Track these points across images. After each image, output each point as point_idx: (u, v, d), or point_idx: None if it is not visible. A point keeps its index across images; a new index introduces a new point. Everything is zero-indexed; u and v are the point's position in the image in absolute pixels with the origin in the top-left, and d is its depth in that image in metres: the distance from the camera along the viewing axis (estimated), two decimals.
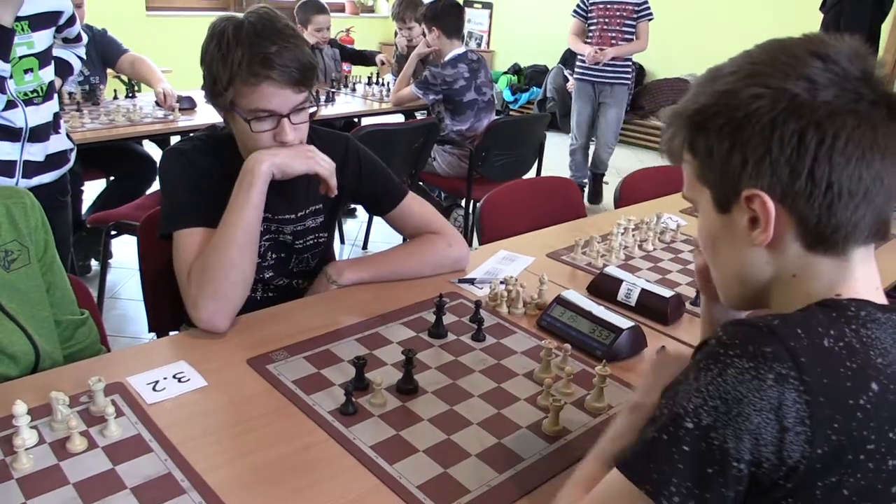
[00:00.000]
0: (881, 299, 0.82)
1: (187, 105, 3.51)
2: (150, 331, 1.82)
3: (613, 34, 4.70)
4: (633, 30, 4.71)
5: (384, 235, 4.26)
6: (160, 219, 1.51)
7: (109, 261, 3.50)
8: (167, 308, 1.78)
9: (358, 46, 5.32)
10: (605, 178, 5.22)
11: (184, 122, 3.34)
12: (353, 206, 4.02)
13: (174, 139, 3.79)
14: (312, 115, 1.50)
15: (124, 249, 3.54)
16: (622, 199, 2.56)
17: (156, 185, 3.60)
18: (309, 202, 1.63)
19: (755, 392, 0.69)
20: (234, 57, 1.36)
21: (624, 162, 6.12)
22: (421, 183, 3.98)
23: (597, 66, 4.79)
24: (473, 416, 1.18)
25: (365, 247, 4.19)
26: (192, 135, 1.58)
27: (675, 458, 0.72)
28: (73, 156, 2.28)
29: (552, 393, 1.23)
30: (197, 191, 1.47)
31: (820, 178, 0.75)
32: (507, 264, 1.81)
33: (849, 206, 0.76)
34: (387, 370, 1.30)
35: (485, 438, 1.13)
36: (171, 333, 1.79)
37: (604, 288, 1.65)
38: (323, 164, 1.47)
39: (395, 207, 1.68)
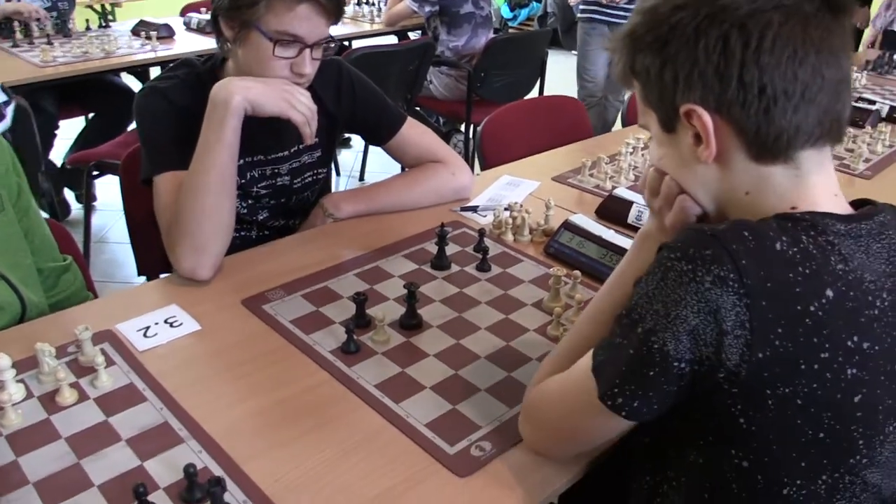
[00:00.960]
0: (841, 205, 0.81)
1: (165, 33, 3.42)
2: (139, 274, 1.80)
3: None
4: None
5: (382, 165, 4.20)
6: (140, 163, 1.46)
7: (94, 203, 3.47)
8: (156, 249, 1.75)
9: None
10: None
11: (163, 51, 3.25)
12: (347, 135, 3.95)
13: (153, 71, 3.71)
14: (327, 53, 1.43)
15: (108, 190, 3.49)
16: (630, 118, 2.50)
17: None
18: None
19: (693, 294, 0.71)
20: None
21: None
22: (418, 108, 3.91)
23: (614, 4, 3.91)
24: (481, 350, 1.17)
25: (362, 178, 4.13)
26: (168, 70, 1.51)
27: (623, 360, 0.77)
28: (8, 110, 2.18)
29: (562, 322, 1.21)
30: (177, 132, 1.40)
31: (751, 83, 0.73)
32: (511, 190, 1.78)
33: (787, 109, 0.74)
34: (389, 305, 1.28)
35: (494, 372, 1.12)
36: (163, 276, 1.79)
37: (613, 210, 1.61)
38: (300, 109, 1.36)
39: (393, 136, 1.62)
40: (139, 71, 3.42)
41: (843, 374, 0.72)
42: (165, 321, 1.21)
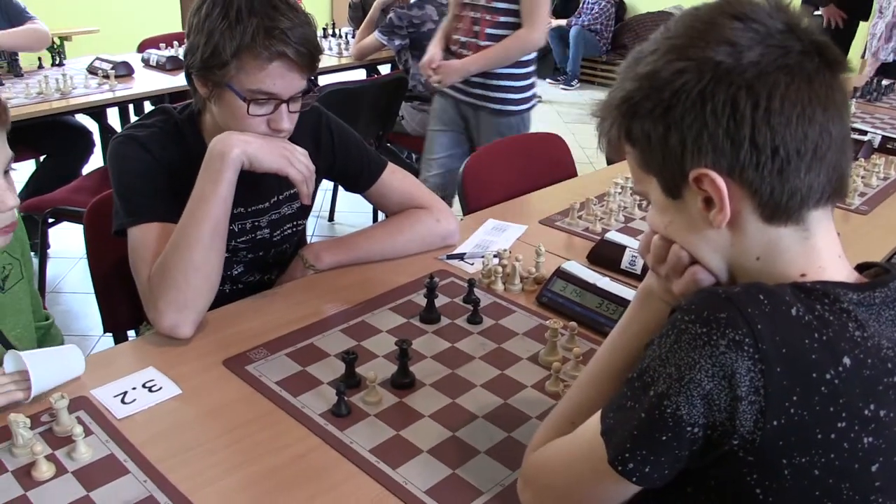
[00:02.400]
0: (846, 267, 0.84)
1: (123, 72, 3.42)
2: (105, 331, 1.79)
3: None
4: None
5: (351, 205, 4.23)
6: (113, 213, 1.47)
7: (48, 251, 3.43)
8: (123, 305, 1.75)
9: None
10: None
11: (122, 90, 3.26)
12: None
13: (111, 111, 3.71)
14: (305, 106, 1.45)
15: (62, 237, 3.47)
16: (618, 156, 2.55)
17: (95, 163, 3.53)
18: (283, 186, 1.58)
19: (707, 358, 0.73)
20: (247, 27, 1.30)
21: None
22: (389, 144, 3.94)
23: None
24: (478, 409, 1.18)
25: (331, 218, 4.15)
26: (143, 118, 1.53)
27: (634, 423, 0.78)
28: None
29: (562, 378, 1.23)
30: (156, 182, 1.42)
31: (763, 144, 0.76)
32: (497, 235, 1.81)
33: (800, 168, 0.77)
34: (379, 363, 1.30)
35: (493, 433, 1.14)
36: (130, 333, 1.78)
37: (606, 256, 1.65)
38: (298, 168, 1.40)
39: (374, 183, 1.65)
40: (96, 111, 3.42)
41: (859, 444, 0.74)
42: (143, 385, 1.21)
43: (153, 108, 1.55)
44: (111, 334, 1.79)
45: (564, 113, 6.57)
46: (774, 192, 0.78)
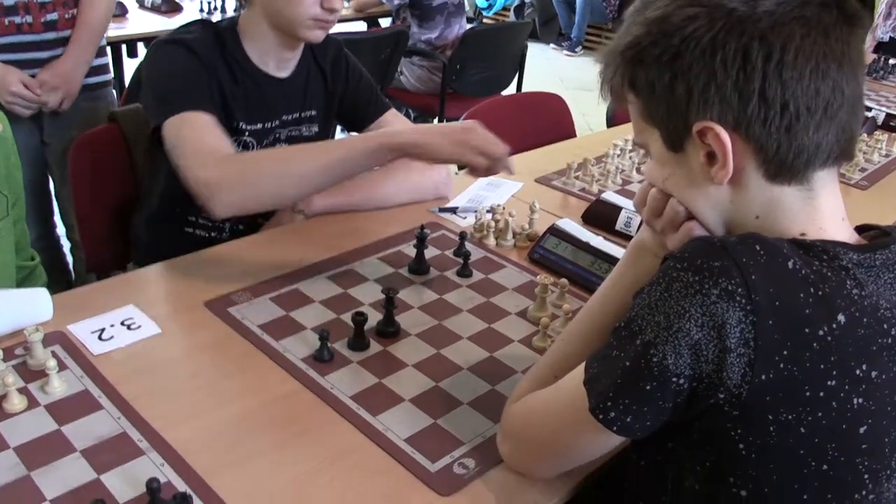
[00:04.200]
0: (848, 230, 0.82)
1: (117, 11, 3.35)
2: (88, 271, 1.78)
3: None
4: None
5: None
6: (150, 109, 1.45)
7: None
8: (107, 244, 1.74)
9: None
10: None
11: (114, 30, 3.19)
12: None
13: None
14: None
15: None
16: (616, 118, 2.53)
17: None
18: (306, 105, 1.63)
19: (698, 307, 0.71)
20: None
21: None
22: (388, 100, 3.89)
23: None
24: (463, 361, 1.17)
25: None
26: (182, 28, 1.53)
27: (618, 372, 0.77)
28: None
29: (549, 333, 1.22)
30: (199, 81, 1.43)
31: (773, 99, 0.74)
32: (492, 191, 1.78)
33: (809, 126, 0.75)
34: (364, 310, 1.28)
35: (477, 385, 1.13)
36: (115, 274, 1.76)
37: (601, 216, 1.63)
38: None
39: (377, 119, 1.68)
40: None
41: (849, 404, 0.73)
42: (122, 323, 1.20)
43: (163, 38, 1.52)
44: (95, 275, 1.77)
45: (567, 79, 6.51)
46: (781, 149, 0.75)
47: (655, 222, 0.88)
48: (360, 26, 4.49)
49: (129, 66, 2.88)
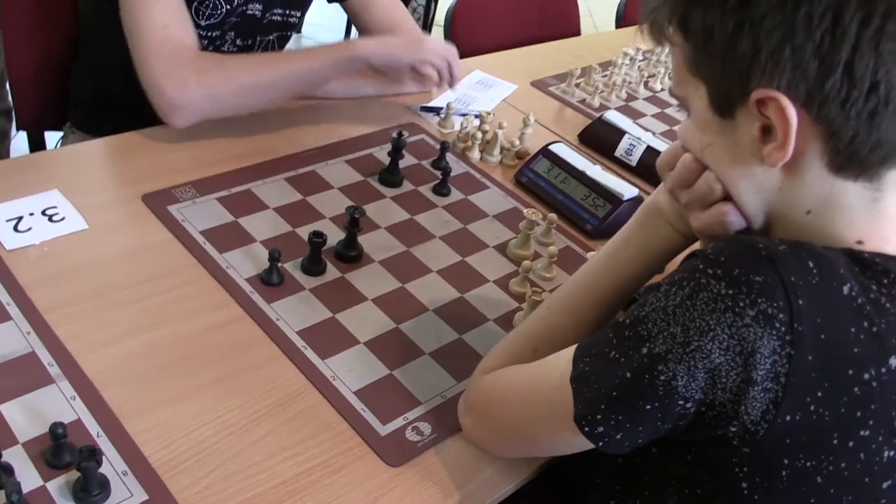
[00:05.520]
0: None
1: None
2: (19, 128, 1.60)
3: None
4: None
5: (322, 17, 3.93)
6: None
7: None
8: (43, 98, 1.56)
9: None
10: None
11: None
12: None
13: None
14: None
15: None
16: (626, 18, 2.33)
17: None
18: None
19: (726, 327, 0.60)
20: None
21: None
22: None
23: None
24: (429, 300, 1.07)
25: (299, 30, 3.87)
26: None
27: (615, 381, 0.67)
28: None
29: (531, 278, 1.11)
30: None
31: (862, 75, 0.60)
32: (482, 91, 1.63)
33: None
34: (324, 225, 1.15)
35: (442, 331, 1.02)
36: (50, 136, 1.60)
37: (600, 138, 1.49)
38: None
39: None
40: None
41: (878, 456, 0.64)
42: (43, 212, 1.06)
43: None
44: (25, 133, 1.60)
45: None
46: (857, 138, 0.62)
47: (681, 193, 0.76)
48: None
49: None
